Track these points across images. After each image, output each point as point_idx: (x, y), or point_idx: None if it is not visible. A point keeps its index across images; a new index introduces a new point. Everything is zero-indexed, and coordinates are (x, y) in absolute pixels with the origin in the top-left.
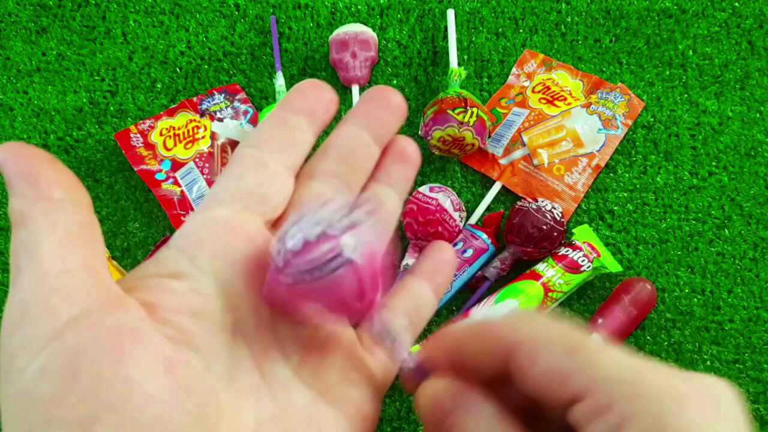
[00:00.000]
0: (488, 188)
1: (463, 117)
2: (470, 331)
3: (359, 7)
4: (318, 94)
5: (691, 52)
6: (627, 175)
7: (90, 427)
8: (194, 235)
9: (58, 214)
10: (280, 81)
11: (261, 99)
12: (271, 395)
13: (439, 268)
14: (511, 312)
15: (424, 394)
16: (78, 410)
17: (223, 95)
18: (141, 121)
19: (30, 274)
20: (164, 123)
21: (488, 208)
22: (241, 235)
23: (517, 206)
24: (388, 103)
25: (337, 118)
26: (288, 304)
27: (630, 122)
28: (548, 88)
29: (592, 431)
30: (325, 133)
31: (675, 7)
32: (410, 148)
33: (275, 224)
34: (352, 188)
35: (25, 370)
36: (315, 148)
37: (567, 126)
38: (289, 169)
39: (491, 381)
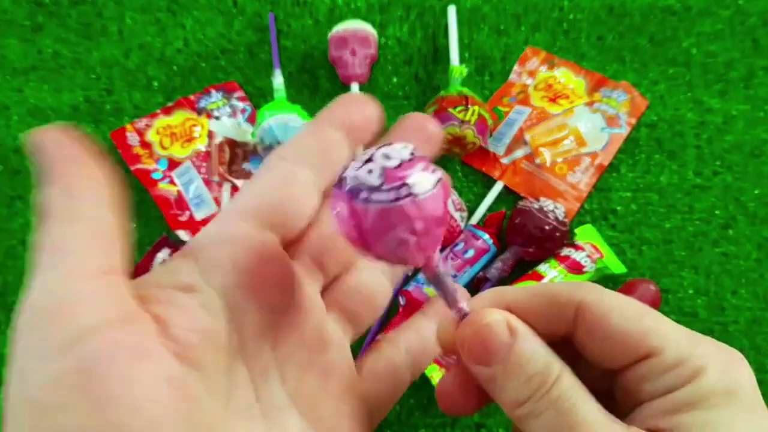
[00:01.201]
0: (490, 188)
1: (464, 115)
2: (534, 292)
3: (359, 3)
4: (361, 109)
5: (695, 50)
6: (630, 175)
7: None
8: (210, 247)
9: (85, 212)
10: (278, 79)
11: (259, 97)
12: (264, 418)
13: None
14: (574, 281)
15: (480, 321)
16: (83, 426)
17: (220, 93)
18: (137, 120)
19: (50, 274)
20: (161, 121)
21: (490, 208)
22: (256, 253)
23: (519, 206)
24: (424, 130)
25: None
26: (371, 235)
27: (633, 121)
28: (551, 86)
29: (662, 384)
30: None
31: (679, 4)
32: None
33: (292, 244)
34: None
35: (35, 375)
36: None
37: (570, 124)
38: (318, 188)
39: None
